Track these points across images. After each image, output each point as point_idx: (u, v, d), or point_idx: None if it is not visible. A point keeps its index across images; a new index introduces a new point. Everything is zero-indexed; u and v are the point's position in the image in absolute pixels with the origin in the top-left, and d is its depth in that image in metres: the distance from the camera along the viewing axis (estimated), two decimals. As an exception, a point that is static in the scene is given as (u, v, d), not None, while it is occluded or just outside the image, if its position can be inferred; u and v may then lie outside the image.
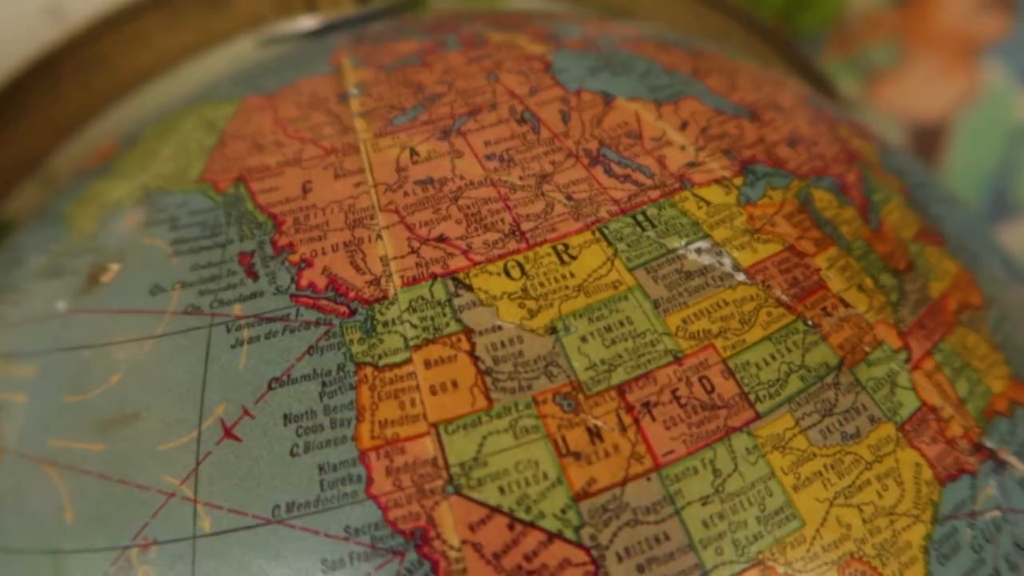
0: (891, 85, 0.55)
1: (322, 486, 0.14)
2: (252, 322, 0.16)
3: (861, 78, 0.56)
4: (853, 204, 0.19)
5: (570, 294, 0.16)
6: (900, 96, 0.55)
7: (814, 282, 0.17)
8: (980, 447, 0.17)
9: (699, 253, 0.17)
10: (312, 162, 0.19)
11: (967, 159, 0.54)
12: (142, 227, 0.19)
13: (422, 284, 0.16)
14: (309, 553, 0.14)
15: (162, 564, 0.14)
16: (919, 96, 0.55)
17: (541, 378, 0.15)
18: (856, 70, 0.57)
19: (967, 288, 0.20)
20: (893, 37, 0.56)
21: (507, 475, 0.14)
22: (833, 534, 0.15)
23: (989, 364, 0.18)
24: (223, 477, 0.15)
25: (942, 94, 0.55)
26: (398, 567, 0.14)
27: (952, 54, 0.56)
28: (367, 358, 0.15)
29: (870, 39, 0.57)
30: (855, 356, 0.17)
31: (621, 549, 0.14)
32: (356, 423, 0.15)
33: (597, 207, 0.17)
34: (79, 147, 0.27)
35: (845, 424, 0.16)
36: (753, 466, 0.15)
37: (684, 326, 0.16)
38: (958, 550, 0.16)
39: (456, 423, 0.15)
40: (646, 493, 0.14)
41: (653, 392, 0.15)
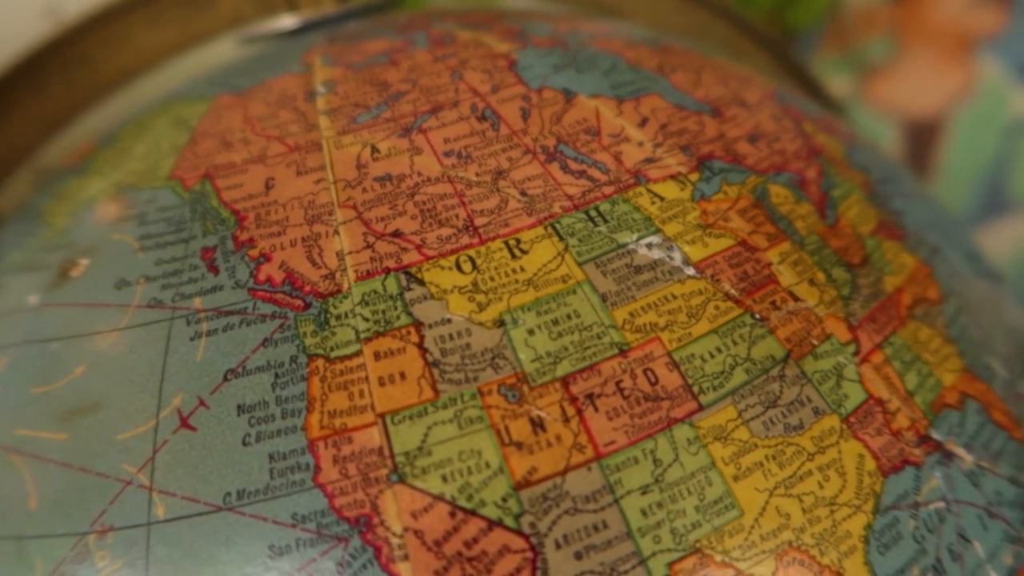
0: (886, 81, 0.55)
1: (272, 474, 0.15)
2: (211, 315, 0.17)
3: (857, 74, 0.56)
4: (811, 199, 0.20)
5: (519, 288, 0.16)
6: (896, 92, 0.55)
7: (764, 276, 0.18)
8: (927, 439, 0.17)
9: (650, 248, 0.17)
10: (276, 159, 0.19)
11: (962, 155, 0.54)
12: (112, 223, 0.19)
13: (375, 278, 0.16)
14: (257, 539, 0.14)
15: (118, 549, 0.15)
16: (915, 92, 0.55)
17: (487, 370, 0.15)
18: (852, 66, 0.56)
19: (924, 282, 0.20)
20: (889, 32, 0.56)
21: (450, 464, 0.15)
22: (772, 523, 0.15)
23: (941, 357, 0.19)
24: (178, 465, 0.15)
25: (938, 89, 0.55)
26: (342, 553, 0.14)
27: (948, 49, 0.55)
28: (319, 350, 0.16)
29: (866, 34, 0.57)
30: (802, 349, 0.17)
31: (560, 536, 0.14)
32: (306, 413, 0.15)
33: (551, 203, 0.18)
34: (65, 144, 0.27)
35: (788, 416, 0.16)
36: (694, 456, 0.15)
37: (631, 319, 0.16)
38: (899, 540, 0.16)
39: (402, 413, 0.15)
40: (586, 482, 0.15)
41: (597, 384, 0.16)
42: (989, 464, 0.18)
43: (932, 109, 0.55)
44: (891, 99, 0.55)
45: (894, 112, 0.55)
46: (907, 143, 0.55)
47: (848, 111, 0.54)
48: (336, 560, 0.14)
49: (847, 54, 0.58)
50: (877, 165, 0.23)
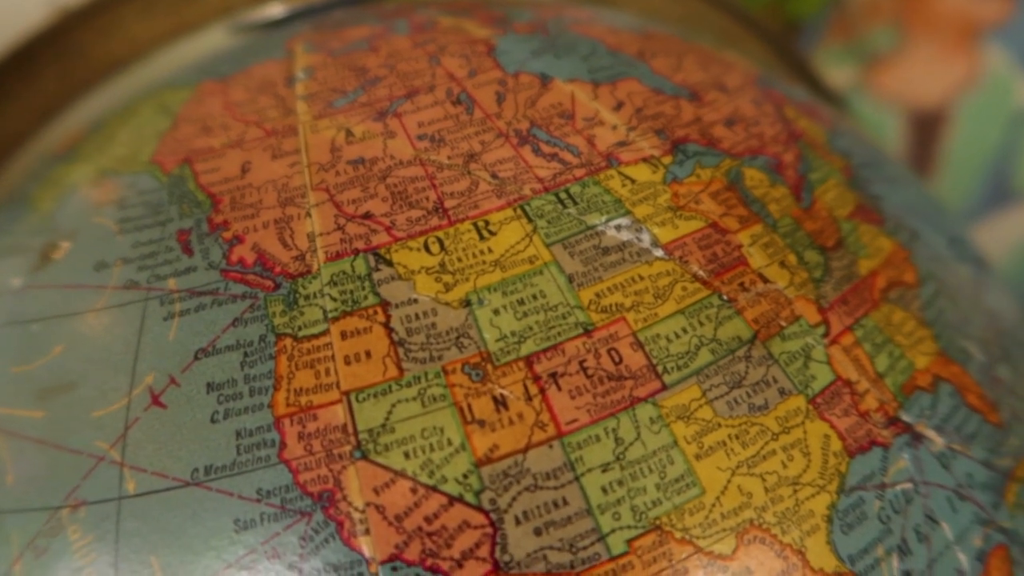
0: (891, 71, 0.54)
1: (238, 451, 0.15)
2: (184, 296, 0.17)
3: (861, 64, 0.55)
4: (786, 183, 0.20)
5: (486, 269, 0.17)
6: (900, 82, 0.54)
7: (734, 258, 0.18)
8: (896, 421, 0.17)
9: (618, 229, 0.17)
10: (253, 143, 0.19)
11: (967, 145, 0.54)
12: (94, 207, 0.20)
13: (344, 259, 0.17)
14: (223, 513, 0.15)
15: (89, 523, 0.15)
16: (919, 81, 0.54)
17: (452, 349, 0.16)
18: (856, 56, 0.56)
19: (901, 266, 0.20)
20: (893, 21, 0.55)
21: (413, 441, 0.15)
22: (733, 502, 0.15)
23: (915, 340, 0.18)
24: (148, 442, 0.16)
25: (942, 79, 0.54)
26: (305, 527, 0.14)
27: (953, 38, 0.55)
28: (287, 330, 0.16)
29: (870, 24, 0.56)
30: (770, 330, 0.17)
31: (520, 513, 0.14)
32: (273, 391, 0.15)
33: (521, 185, 0.18)
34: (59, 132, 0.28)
35: (753, 396, 0.16)
36: (656, 435, 0.15)
37: (597, 300, 0.16)
38: (864, 520, 0.16)
39: (367, 391, 0.15)
40: (547, 460, 0.15)
41: (561, 363, 0.16)
42: (961, 446, 0.18)
43: (937, 99, 0.55)
44: (895, 89, 0.55)
45: (898, 102, 0.55)
46: (911, 134, 0.55)
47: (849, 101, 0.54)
48: (299, 534, 0.14)
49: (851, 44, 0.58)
50: (859, 150, 0.23)
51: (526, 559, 0.14)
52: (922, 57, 0.55)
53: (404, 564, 0.14)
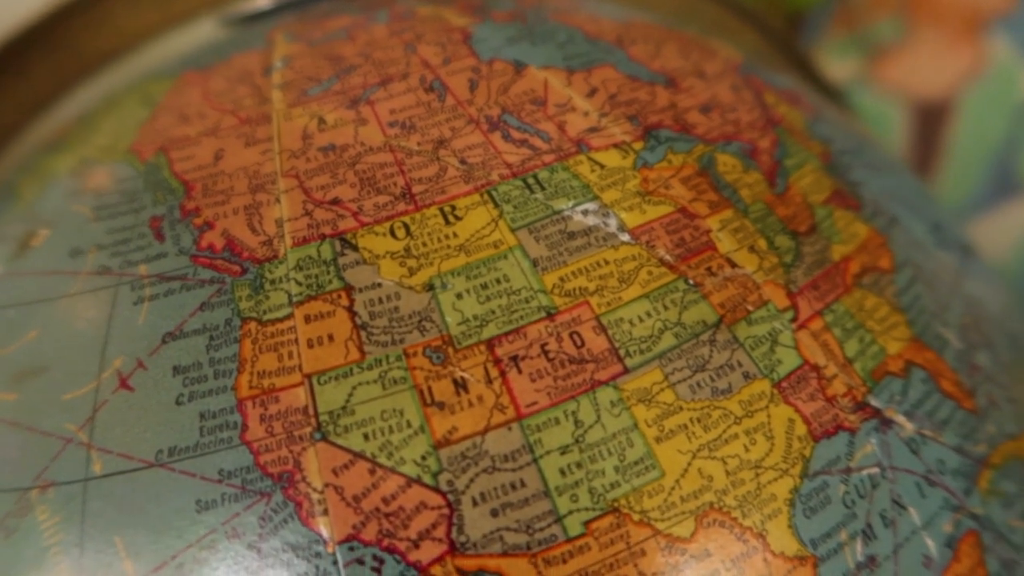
0: (895, 62, 0.54)
1: (202, 432, 0.15)
2: (154, 281, 0.17)
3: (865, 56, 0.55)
4: (760, 169, 0.20)
5: (451, 253, 0.17)
6: (904, 73, 0.54)
7: (702, 243, 0.18)
8: (864, 406, 0.17)
9: (585, 214, 0.17)
10: (227, 131, 0.19)
11: (971, 136, 0.53)
12: (72, 195, 0.20)
13: (311, 244, 0.17)
14: (185, 494, 0.15)
15: (57, 503, 0.16)
16: (924, 72, 0.54)
17: (414, 332, 0.16)
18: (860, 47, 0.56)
19: (877, 252, 0.20)
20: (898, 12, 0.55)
21: (372, 423, 0.15)
22: (693, 485, 0.15)
23: (888, 326, 0.18)
24: (115, 424, 0.16)
25: (947, 70, 0.54)
26: (264, 508, 0.15)
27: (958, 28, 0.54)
28: (253, 313, 0.16)
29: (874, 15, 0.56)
30: (736, 315, 0.17)
31: (477, 494, 0.15)
32: (237, 374, 0.16)
33: (489, 171, 0.18)
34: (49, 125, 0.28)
35: (717, 380, 0.16)
36: (616, 418, 0.15)
37: (561, 284, 0.16)
38: (827, 504, 0.16)
39: (328, 374, 0.15)
40: (505, 442, 0.15)
41: (522, 346, 0.16)
42: (932, 432, 0.18)
43: (941, 90, 0.54)
44: (899, 81, 0.55)
45: (902, 94, 0.54)
46: (915, 126, 0.54)
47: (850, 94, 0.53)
48: (258, 514, 0.15)
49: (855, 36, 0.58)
50: (841, 136, 0.23)
51: (482, 540, 0.14)
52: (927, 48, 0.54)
53: (361, 544, 0.14)
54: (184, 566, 0.15)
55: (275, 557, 0.14)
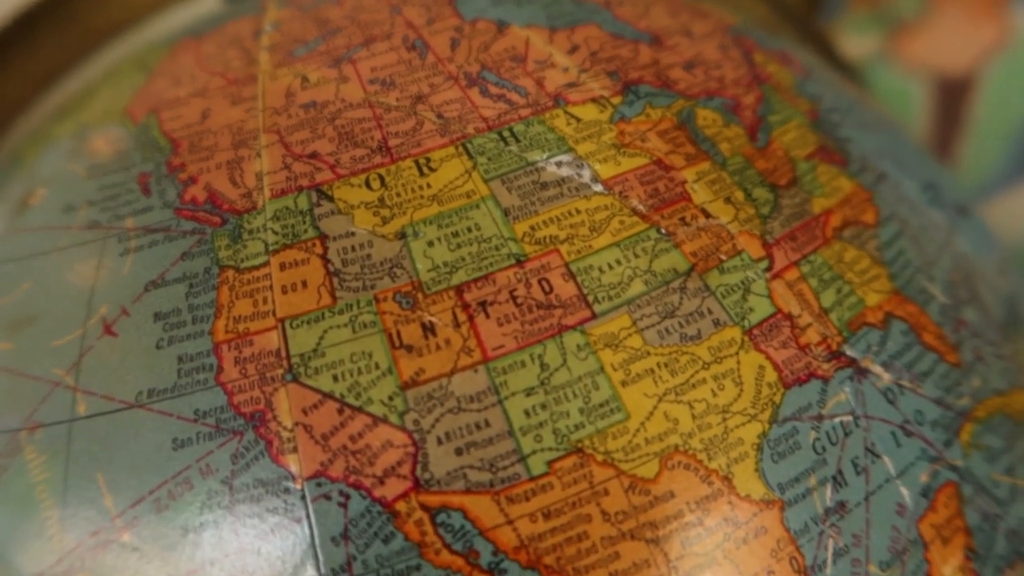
0: (917, 37, 0.53)
1: (179, 374, 0.16)
2: (139, 233, 0.18)
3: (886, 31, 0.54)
4: (742, 123, 0.19)
5: (424, 203, 0.17)
6: (926, 48, 0.53)
7: (677, 193, 0.18)
8: (839, 355, 0.17)
9: (559, 166, 0.17)
10: (215, 92, 0.20)
11: (994, 111, 0.52)
12: (69, 156, 0.21)
13: (288, 196, 0.17)
14: (163, 432, 0.15)
15: (44, 443, 0.16)
16: (946, 47, 0.53)
17: (384, 278, 0.16)
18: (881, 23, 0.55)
19: (860, 206, 0.19)
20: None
21: (342, 365, 0.15)
22: (658, 428, 0.15)
23: (868, 278, 0.18)
24: (99, 368, 0.16)
25: (970, 44, 0.53)
26: (237, 445, 0.15)
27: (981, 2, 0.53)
28: (230, 262, 0.17)
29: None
30: (708, 263, 0.17)
31: (442, 433, 0.15)
32: (214, 319, 0.16)
33: (465, 124, 0.18)
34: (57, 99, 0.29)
35: (686, 326, 0.16)
36: (582, 362, 0.15)
37: (531, 232, 0.17)
38: (796, 450, 0.16)
39: (301, 319, 0.16)
40: (471, 383, 0.15)
41: (491, 292, 0.16)
42: (911, 384, 0.17)
43: (964, 65, 0.53)
44: (921, 56, 0.54)
45: (924, 70, 0.53)
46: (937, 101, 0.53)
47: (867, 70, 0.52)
48: (231, 452, 0.15)
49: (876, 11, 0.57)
50: (832, 95, 0.23)
51: (446, 477, 0.15)
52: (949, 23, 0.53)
53: (328, 480, 0.15)
54: (160, 501, 0.15)
55: (246, 492, 0.15)
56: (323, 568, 0.14)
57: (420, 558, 0.14)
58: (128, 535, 0.15)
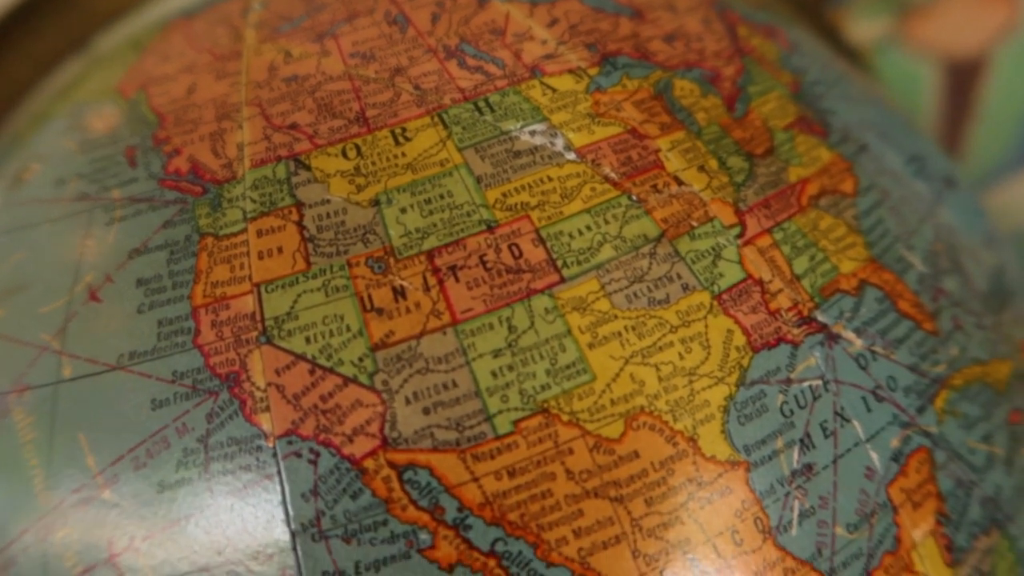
0: (927, 20, 0.52)
1: (159, 337, 0.16)
2: (125, 203, 0.18)
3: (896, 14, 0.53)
4: (720, 94, 0.20)
5: (398, 171, 0.17)
6: (936, 31, 0.52)
7: (650, 161, 0.18)
8: (810, 320, 0.17)
9: (532, 134, 0.18)
10: (202, 67, 0.20)
11: (1004, 94, 0.51)
12: (63, 132, 0.21)
13: (267, 165, 0.18)
14: (142, 393, 0.16)
15: (31, 405, 0.17)
16: (956, 30, 0.52)
17: (357, 244, 0.16)
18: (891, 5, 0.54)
19: (839, 175, 0.19)
20: (929, -32, 0.53)
21: (314, 327, 0.16)
22: (624, 389, 0.15)
23: (843, 246, 0.18)
24: (84, 332, 0.17)
25: (980, 27, 0.52)
26: (212, 405, 0.15)
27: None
28: (210, 229, 0.17)
29: (905, -28, 0.54)
30: (679, 230, 0.17)
31: (410, 393, 0.15)
32: (193, 284, 0.16)
33: (441, 95, 0.18)
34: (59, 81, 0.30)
35: (654, 291, 0.16)
36: (550, 325, 0.16)
37: (503, 199, 0.17)
38: (764, 413, 0.16)
39: (276, 283, 0.16)
40: (440, 345, 0.15)
41: (461, 257, 0.16)
42: (884, 350, 0.17)
43: (974, 48, 0.52)
44: (931, 39, 0.53)
45: (934, 53, 0.52)
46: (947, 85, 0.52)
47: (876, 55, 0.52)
48: (206, 411, 0.15)
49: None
50: (817, 68, 0.23)
51: (413, 436, 0.15)
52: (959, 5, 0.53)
53: (299, 438, 0.15)
54: (138, 459, 0.15)
55: (220, 450, 0.15)
56: (293, 523, 0.15)
57: (387, 513, 0.15)
58: (108, 492, 0.16)
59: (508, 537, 0.15)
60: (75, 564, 0.16)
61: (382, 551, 0.14)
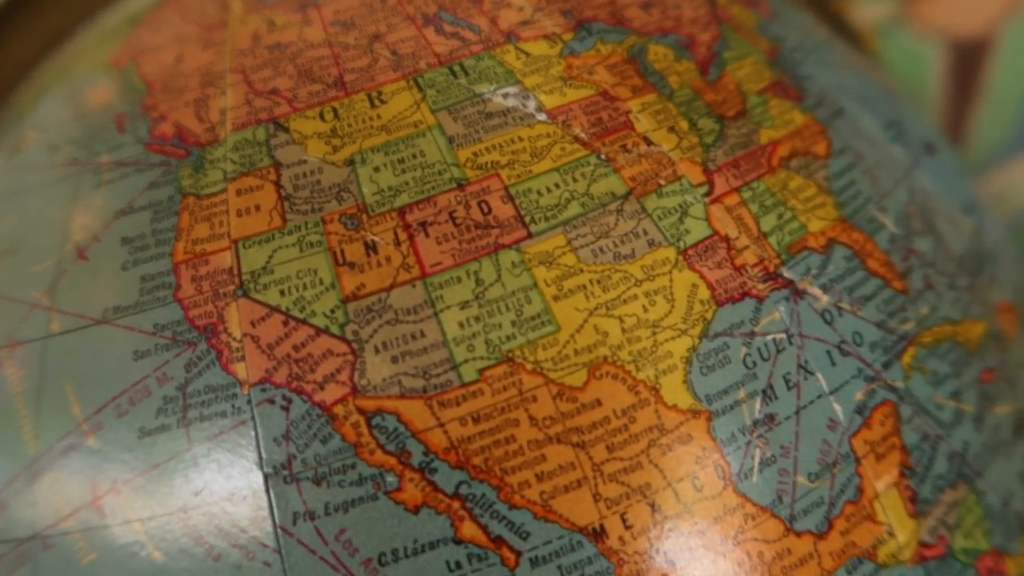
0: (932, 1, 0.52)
1: (141, 292, 0.17)
2: (112, 167, 0.19)
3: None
4: (694, 59, 0.20)
5: (373, 132, 0.18)
6: (941, 11, 0.52)
7: (620, 123, 0.18)
8: (776, 276, 0.17)
9: (505, 97, 0.18)
10: (190, 38, 0.21)
11: (1009, 74, 0.51)
12: (59, 103, 0.22)
13: (248, 128, 0.18)
14: (125, 345, 0.16)
15: (22, 358, 0.17)
16: (961, 10, 0.52)
17: (332, 202, 0.17)
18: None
19: (812, 138, 0.20)
20: (934, -53, 0.53)
21: (288, 281, 0.16)
22: (588, 340, 0.16)
23: (813, 206, 0.18)
24: (72, 289, 0.18)
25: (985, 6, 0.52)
26: (190, 355, 0.16)
27: (998, -39, 0.52)
28: (192, 189, 0.18)
29: (910, -49, 0.54)
30: (646, 187, 0.17)
31: (379, 343, 0.16)
32: (175, 242, 0.17)
33: (417, 60, 0.19)
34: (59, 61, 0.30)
35: (620, 246, 0.17)
36: (516, 278, 0.16)
37: (474, 158, 0.17)
38: (727, 364, 0.16)
39: (253, 239, 0.17)
40: (409, 297, 0.16)
41: (432, 213, 0.17)
42: (850, 306, 0.18)
43: (979, 28, 0.52)
44: (936, 19, 0.53)
45: (939, 33, 0.52)
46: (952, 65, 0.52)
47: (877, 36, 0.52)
48: (185, 361, 0.16)
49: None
50: (797, 36, 0.23)
51: (382, 383, 0.15)
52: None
53: (272, 386, 0.16)
54: (121, 407, 0.16)
55: (198, 398, 0.16)
56: (266, 466, 0.15)
57: (355, 457, 0.15)
58: (93, 439, 0.16)
59: (472, 480, 0.15)
60: (62, 507, 0.16)
61: (350, 493, 0.15)
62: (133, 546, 0.16)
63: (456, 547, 0.15)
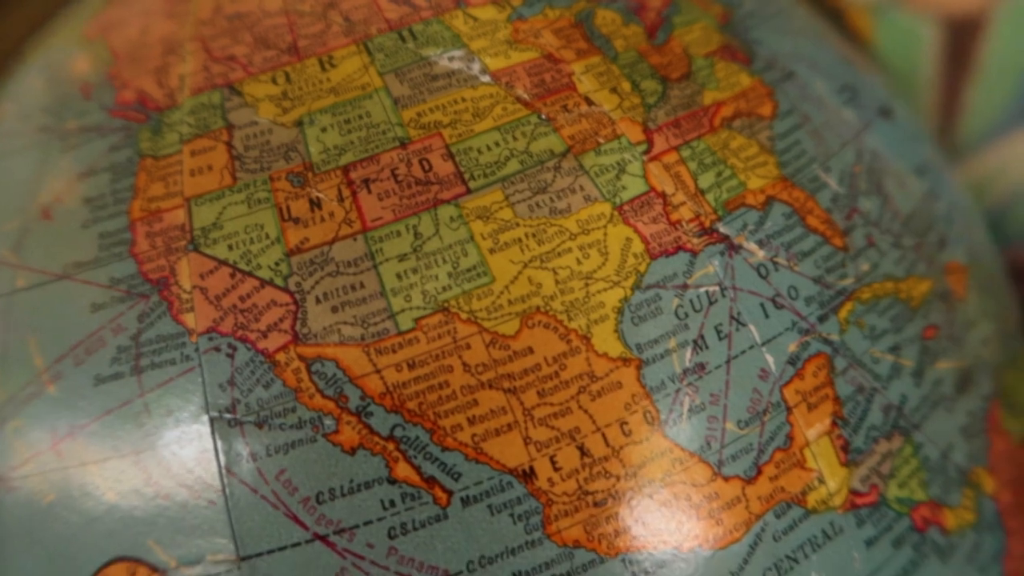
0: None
1: (100, 248, 0.18)
2: (78, 132, 0.20)
3: (896, -28, 0.53)
4: (643, 24, 0.20)
5: (322, 95, 0.18)
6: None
7: (562, 84, 0.19)
8: (711, 231, 0.18)
9: (451, 60, 0.19)
10: (156, 11, 0.22)
11: (1004, 51, 0.51)
12: (34, 74, 0.23)
13: (204, 93, 0.19)
14: (84, 298, 0.17)
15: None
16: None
17: (280, 161, 0.18)
18: (891, -36, 0.54)
19: (757, 100, 0.20)
20: (929, -76, 0.53)
21: (236, 236, 0.17)
22: (521, 290, 0.16)
23: (754, 164, 0.19)
24: (36, 247, 0.18)
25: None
26: (144, 307, 0.17)
27: (993, -64, 0.52)
28: (150, 152, 0.18)
29: (905, -72, 0.54)
30: (584, 146, 0.18)
31: (320, 294, 0.16)
32: (131, 200, 0.18)
33: (369, 26, 0.19)
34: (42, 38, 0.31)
35: (556, 201, 0.17)
36: (453, 232, 0.17)
37: (417, 118, 0.18)
38: (658, 315, 0.17)
39: (204, 197, 0.17)
40: (350, 250, 0.17)
41: (375, 171, 0.17)
42: (787, 261, 0.18)
43: (973, 5, 0.52)
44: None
45: (934, 10, 0.52)
46: (947, 42, 0.52)
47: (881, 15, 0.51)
48: (138, 312, 0.17)
49: (886, -48, 0.56)
50: (754, 3, 0.23)
51: (322, 332, 0.16)
52: (960, -40, 0.52)
53: (219, 335, 0.16)
54: (78, 356, 0.17)
55: (149, 347, 0.17)
56: (211, 410, 0.16)
57: (296, 401, 0.16)
58: (52, 387, 0.17)
59: (406, 423, 0.16)
60: (25, 451, 0.17)
61: (291, 435, 0.16)
62: (88, 487, 0.16)
63: (390, 486, 0.15)
